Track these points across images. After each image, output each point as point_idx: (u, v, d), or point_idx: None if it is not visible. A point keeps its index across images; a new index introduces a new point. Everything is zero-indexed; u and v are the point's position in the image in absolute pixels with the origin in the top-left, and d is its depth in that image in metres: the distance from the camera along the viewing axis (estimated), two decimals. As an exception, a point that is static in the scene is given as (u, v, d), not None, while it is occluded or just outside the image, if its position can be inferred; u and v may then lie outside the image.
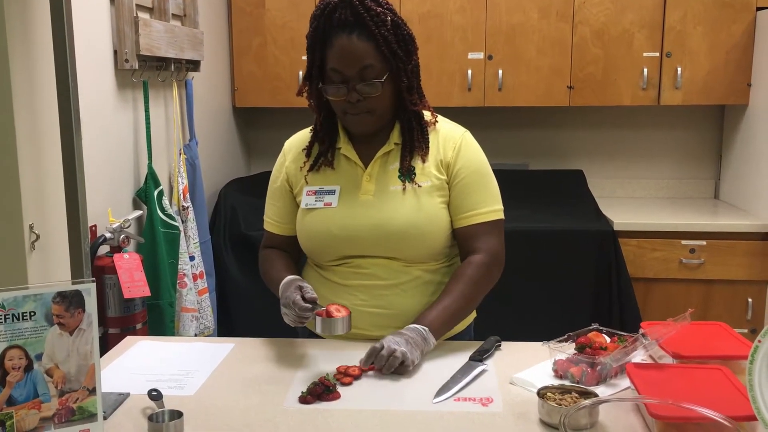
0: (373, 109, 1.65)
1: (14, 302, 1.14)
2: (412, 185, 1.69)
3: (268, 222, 1.85)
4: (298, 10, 3.49)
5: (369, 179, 1.71)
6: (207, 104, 3.29)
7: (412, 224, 1.66)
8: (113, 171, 2.39)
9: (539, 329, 1.87)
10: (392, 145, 1.72)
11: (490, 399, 1.42)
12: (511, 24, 3.42)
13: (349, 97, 1.62)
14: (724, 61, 3.35)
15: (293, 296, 1.57)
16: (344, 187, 1.72)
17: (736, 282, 3.15)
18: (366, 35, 1.59)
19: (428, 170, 1.70)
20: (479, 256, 1.70)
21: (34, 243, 1.81)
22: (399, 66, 1.63)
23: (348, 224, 1.68)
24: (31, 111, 1.84)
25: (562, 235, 3.12)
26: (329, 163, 1.74)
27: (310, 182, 1.74)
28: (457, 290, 1.68)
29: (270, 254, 1.83)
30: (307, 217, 1.73)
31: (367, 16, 1.58)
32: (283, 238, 1.82)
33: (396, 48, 1.61)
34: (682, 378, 1.37)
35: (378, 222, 1.67)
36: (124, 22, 2.35)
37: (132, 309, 2.21)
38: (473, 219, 1.71)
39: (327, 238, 1.69)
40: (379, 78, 1.61)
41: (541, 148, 3.85)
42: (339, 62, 1.60)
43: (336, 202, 1.70)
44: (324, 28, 1.61)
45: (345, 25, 1.58)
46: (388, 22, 1.60)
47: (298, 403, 1.40)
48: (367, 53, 1.59)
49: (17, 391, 1.16)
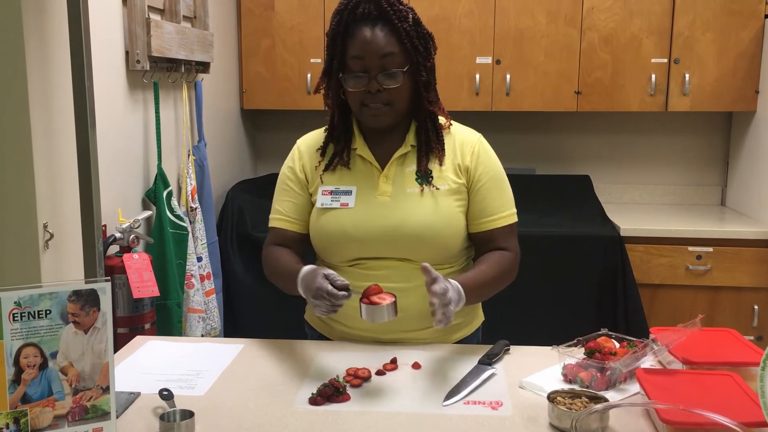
0: (391, 102, 1.66)
1: (30, 300, 1.15)
2: (430, 188, 1.70)
3: (279, 219, 1.79)
4: (307, 13, 3.50)
5: (386, 180, 1.72)
6: (215, 106, 3.31)
7: (430, 226, 1.67)
8: (123, 171, 2.40)
9: (546, 333, 1.88)
10: (408, 147, 1.73)
11: (499, 402, 1.43)
12: (519, 28, 3.43)
13: (369, 86, 1.63)
14: (732, 68, 3.35)
15: (324, 286, 1.49)
16: (360, 188, 1.72)
17: (742, 289, 3.15)
18: (389, 28, 1.63)
19: (446, 174, 1.72)
20: (504, 250, 1.74)
21: (47, 242, 1.82)
22: (419, 60, 1.66)
23: (365, 225, 1.68)
24: (46, 111, 1.85)
25: (568, 240, 3.12)
26: (345, 163, 1.74)
27: (326, 182, 1.74)
28: (490, 261, 1.70)
29: (276, 251, 1.77)
30: (322, 217, 1.72)
31: (391, 11, 1.63)
32: (294, 235, 1.78)
33: (417, 43, 1.65)
34: (692, 384, 1.37)
35: (395, 223, 1.67)
36: (135, 23, 2.36)
37: (141, 309, 2.22)
38: (494, 223, 1.73)
39: (342, 238, 1.69)
40: (401, 68, 1.64)
41: (548, 152, 3.85)
42: (361, 50, 1.63)
43: (353, 203, 1.70)
44: (347, 21, 1.64)
45: (368, 18, 1.63)
46: (409, 18, 1.65)
47: (308, 405, 1.41)
48: (389, 43, 1.63)
49: (32, 389, 1.17)
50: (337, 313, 1.75)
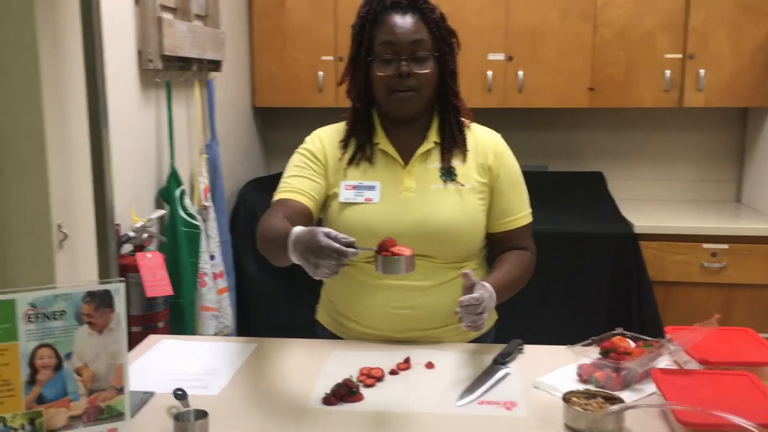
0: (419, 88, 1.67)
1: (45, 301, 1.16)
2: (455, 185, 1.70)
3: (289, 191, 1.68)
4: (318, 11, 3.50)
5: (409, 176, 1.71)
6: (227, 104, 3.31)
7: (454, 223, 1.67)
8: (137, 170, 2.40)
9: (559, 331, 1.87)
10: (431, 144, 1.73)
11: (514, 403, 1.42)
12: (532, 25, 3.41)
13: (399, 70, 1.64)
14: (748, 64, 3.31)
15: (330, 244, 1.32)
16: (384, 184, 1.71)
17: (757, 286, 3.12)
18: (419, 16, 1.66)
19: (469, 172, 1.72)
20: (522, 250, 1.76)
21: (61, 242, 1.82)
22: (446, 51, 1.69)
23: (390, 220, 1.67)
24: (59, 111, 1.85)
25: (581, 238, 3.11)
26: (368, 158, 1.74)
27: (349, 176, 1.73)
28: (513, 261, 1.73)
29: (275, 219, 1.59)
30: (346, 212, 1.70)
31: (421, 1, 1.67)
32: (303, 209, 1.66)
33: (445, 34, 1.69)
34: (709, 384, 1.36)
35: (421, 219, 1.67)
36: (148, 22, 2.36)
37: (154, 308, 2.22)
38: (514, 223, 1.75)
39: (366, 233, 1.62)
40: (430, 52, 1.66)
41: (561, 149, 3.83)
42: (391, 35, 1.65)
43: (377, 198, 1.70)
44: (376, 9, 1.67)
45: (398, 6, 1.67)
46: (437, 11, 1.70)
47: (322, 405, 1.41)
48: (419, 29, 1.66)
49: (47, 390, 1.17)
50: (352, 312, 1.75)
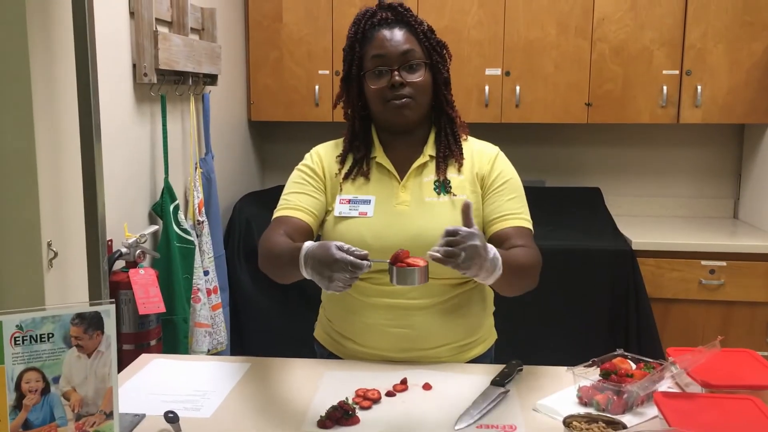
0: (414, 95, 1.67)
1: (32, 323, 1.12)
2: (449, 196, 1.68)
3: (290, 208, 1.69)
4: (315, 25, 3.49)
5: (404, 190, 1.70)
6: (223, 118, 3.29)
7: None
8: (130, 185, 2.37)
9: (557, 348, 1.85)
10: (427, 157, 1.72)
11: (513, 426, 1.39)
12: (529, 40, 3.40)
13: (392, 80, 1.65)
14: (745, 80, 3.31)
15: (345, 257, 1.36)
16: (379, 197, 1.70)
17: (756, 304, 3.09)
18: (407, 29, 1.69)
19: (464, 184, 1.70)
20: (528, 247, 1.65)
21: (51, 260, 1.79)
22: (437, 60, 1.70)
23: (384, 234, 1.65)
24: (51, 125, 1.83)
25: (578, 254, 3.08)
26: (365, 173, 1.73)
27: (344, 191, 1.72)
28: (517, 250, 1.61)
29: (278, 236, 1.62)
30: (340, 225, 1.69)
31: (407, 14, 1.71)
32: (305, 226, 1.67)
33: (434, 44, 1.72)
34: (712, 408, 1.33)
35: (416, 232, 1.64)
36: (143, 36, 2.34)
37: (147, 325, 2.19)
38: (509, 222, 1.67)
39: (360, 247, 1.52)
40: (422, 59, 1.68)
41: (558, 164, 3.81)
42: (381, 48, 1.67)
43: (371, 212, 1.68)
44: (365, 27, 1.69)
45: (386, 22, 1.69)
46: (425, 24, 1.73)
47: (317, 428, 1.37)
48: (408, 40, 1.68)
49: (33, 415, 1.14)
50: (350, 330, 1.72)
